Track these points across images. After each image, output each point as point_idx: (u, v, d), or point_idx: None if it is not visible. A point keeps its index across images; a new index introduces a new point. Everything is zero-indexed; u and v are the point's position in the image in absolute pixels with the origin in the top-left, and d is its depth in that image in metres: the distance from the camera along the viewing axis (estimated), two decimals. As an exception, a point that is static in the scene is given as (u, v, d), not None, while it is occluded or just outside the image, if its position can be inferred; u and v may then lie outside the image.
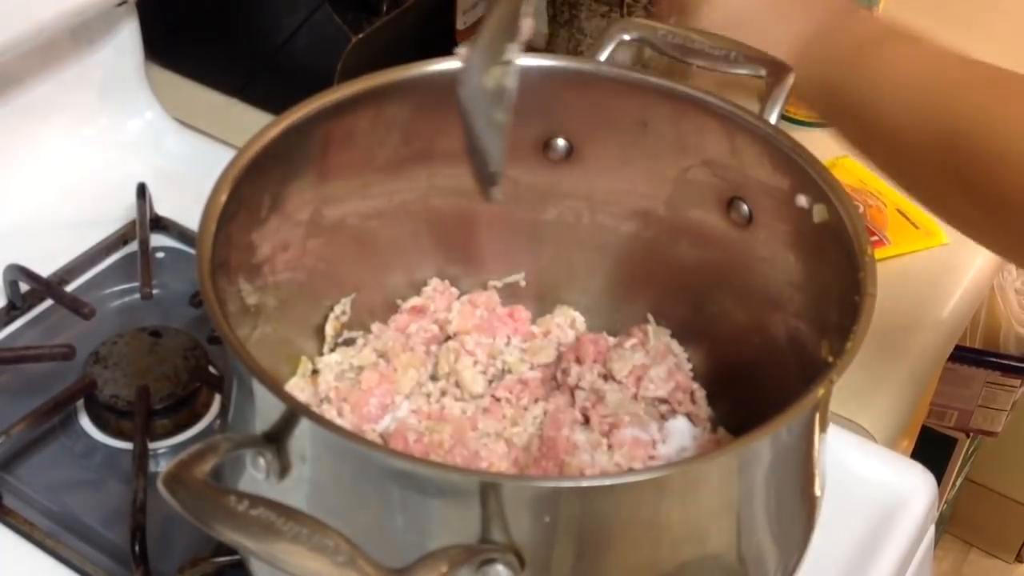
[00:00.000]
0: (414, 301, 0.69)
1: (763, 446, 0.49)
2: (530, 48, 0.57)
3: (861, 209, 0.89)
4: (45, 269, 0.78)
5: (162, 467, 0.68)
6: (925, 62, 0.64)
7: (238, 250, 0.57)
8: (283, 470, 0.48)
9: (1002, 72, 0.60)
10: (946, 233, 0.89)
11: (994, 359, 1.32)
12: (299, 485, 0.48)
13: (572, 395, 0.66)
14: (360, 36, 0.87)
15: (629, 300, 0.70)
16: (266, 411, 0.48)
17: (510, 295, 0.71)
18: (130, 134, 0.91)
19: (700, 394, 0.66)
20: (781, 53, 0.64)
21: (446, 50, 0.98)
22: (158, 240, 0.83)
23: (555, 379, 0.67)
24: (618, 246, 0.69)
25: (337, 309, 0.67)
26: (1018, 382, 1.35)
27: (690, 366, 0.67)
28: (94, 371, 0.71)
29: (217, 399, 0.72)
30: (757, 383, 0.63)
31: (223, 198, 0.55)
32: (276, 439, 0.48)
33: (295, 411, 0.46)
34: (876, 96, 0.64)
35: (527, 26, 0.54)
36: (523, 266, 0.71)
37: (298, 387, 0.64)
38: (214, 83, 0.95)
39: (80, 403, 0.71)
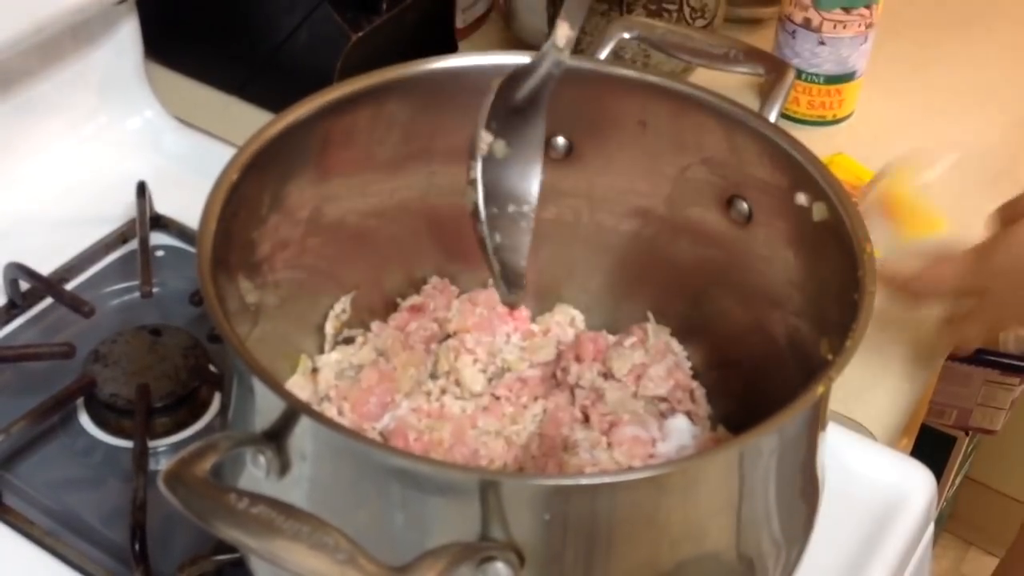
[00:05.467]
0: (414, 299, 0.69)
1: (762, 444, 0.49)
2: (530, 47, 0.57)
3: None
4: (45, 267, 0.78)
5: (162, 465, 0.68)
6: None
7: (238, 248, 0.57)
8: (283, 468, 0.48)
9: None
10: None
11: (993, 357, 1.32)
12: (299, 483, 0.48)
13: (572, 393, 0.66)
14: (360, 34, 0.87)
15: (629, 298, 0.70)
16: (266, 409, 0.48)
17: (510, 293, 0.71)
18: (130, 132, 0.91)
19: (700, 392, 0.66)
20: None
21: (446, 48, 0.98)
22: (158, 238, 0.83)
23: (555, 377, 0.67)
24: (618, 244, 0.69)
25: (337, 307, 0.67)
26: (1017, 380, 1.35)
27: (689, 364, 0.67)
28: (94, 369, 0.71)
29: (217, 397, 0.72)
30: (757, 381, 0.63)
31: (223, 196, 0.55)
32: (276, 437, 0.48)
33: (295, 409, 0.46)
34: None
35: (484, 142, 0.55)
36: (523, 264, 0.71)
37: (298, 385, 0.64)
38: (214, 81, 0.95)
39: (80, 401, 0.71)
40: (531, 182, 0.56)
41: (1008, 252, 0.71)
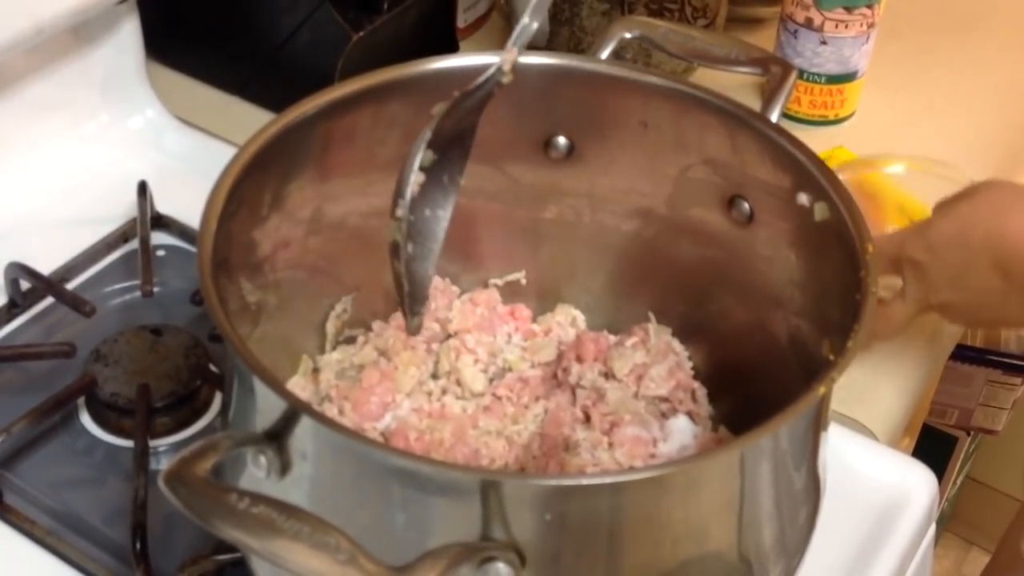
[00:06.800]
0: (415, 299, 0.69)
1: (764, 444, 0.49)
2: (531, 46, 0.57)
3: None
4: (46, 267, 0.78)
5: (163, 465, 0.68)
6: None
7: (239, 248, 0.57)
8: (284, 468, 0.48)
9: None
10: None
11: (995, 357, 1.32)
12: (300, 483, 0.48)
13: (573, 393, 0.66)
14: (361, 34, 0.87)
15: (630, 298, 0.70)
16: (267, 409, 0.48)
17: (511, 293, 0.71)
18: (131, 132, 0.91)
19: (701, 392, 0.66)
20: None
21: (447, 48, 0.98)
22: (159, 238, 0.83)
23: (556, 377, 0.67)
24: (619, 244, 0.69)
25: (338, 307, 0.67)
26: (1019, 380, 1.35)
27: (691, 364, 0.67)
28: (95, 369, 0.71)
29: (218, 397, 0.72)
30: (758, 381, 0.63)
31: (224, 196, 0.55)
32: (277, 437, 0.48)
33: (296, 409, 0.46)
34: None
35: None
36: (524, 264, 0.71)
37: (299, 385, 0.64)
38: (215, 81, 0.95)
39: (81, 401, 0.71)
40: (452, 189, 0.56)
41: (944, 227, 0.70)
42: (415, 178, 0.55)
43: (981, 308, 0.70)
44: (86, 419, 0.71)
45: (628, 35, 0.67)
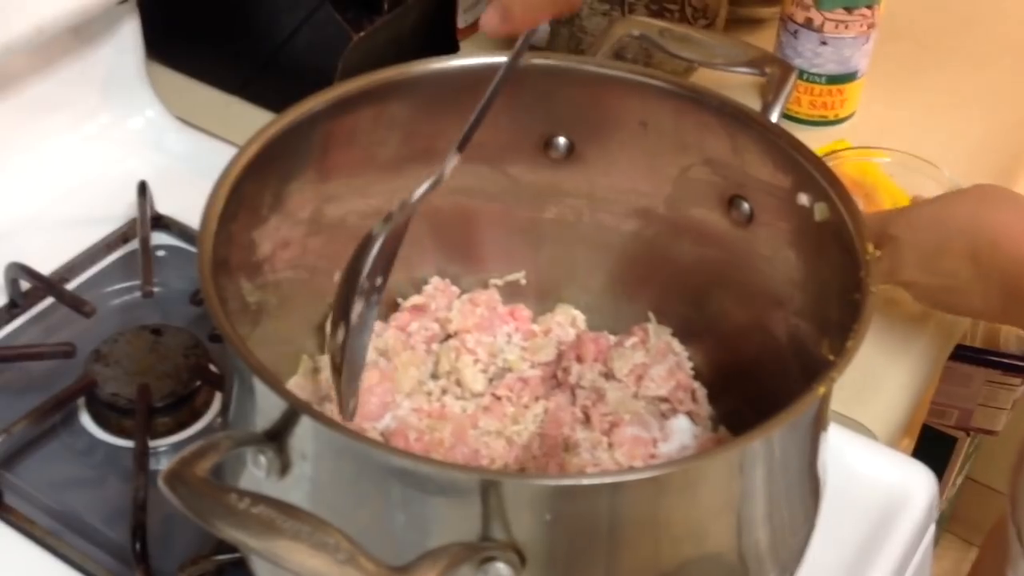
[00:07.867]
0: (415, 299, 0.69)
1: (764, 445, 0.49)
2: (531, 47, 0.57)
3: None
4: (46, 267, 0.78)
5: (163, 465, 0.68)
6: None
7: (239, 248, 0.57)
8: (284, 468, 0.48)
9: None
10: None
11: (994, 357, 1.32)
12: (300, 483, 0.48)
13: (573, 393, 0.66)
14: (361, 34, 0.87)
15: (630, 299, 0.70)
16: (267, 409, 0.48)
17: (511, 293, 0.71)
18: (131, 132, 0.91)
19: (701, 393, 0.66)
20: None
21: (447, 49, 0.98)
22: (159, 238, 0.83)
23: (556, 377, 0.67)
24: (619, 245, 0.69)
25: (338, 307, 0.67)
26: (1019, 380, 1.35)
27: (691, 365, 0.67)
28: (95, 369, 0.71)
29: (218, 397, 0.72)
30: (758, 382, 0.63)
31: (224, 196, 0.55)
32: (277, 437, 0.48)
33: (296, 409, 0.46)
34: None
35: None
36: (524, 264, 0.71)
37: (299, 385, 0.64)
38: (215, 81, 0.95)
39: (81, 401, 0.71)
40: (391, 257, 0.57)
41: (928, 209, 0.73)
42: (357, 306, 0.56)
43: (944, 292, 0.73)
44: (86, 419, 0.71)
45: (628, 35, 0.67)
